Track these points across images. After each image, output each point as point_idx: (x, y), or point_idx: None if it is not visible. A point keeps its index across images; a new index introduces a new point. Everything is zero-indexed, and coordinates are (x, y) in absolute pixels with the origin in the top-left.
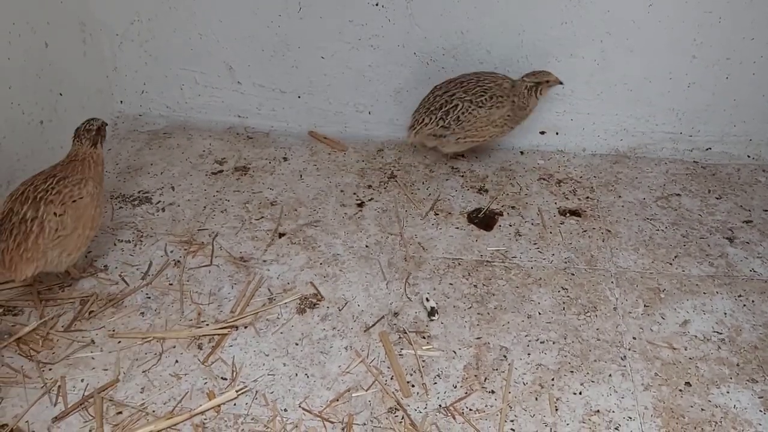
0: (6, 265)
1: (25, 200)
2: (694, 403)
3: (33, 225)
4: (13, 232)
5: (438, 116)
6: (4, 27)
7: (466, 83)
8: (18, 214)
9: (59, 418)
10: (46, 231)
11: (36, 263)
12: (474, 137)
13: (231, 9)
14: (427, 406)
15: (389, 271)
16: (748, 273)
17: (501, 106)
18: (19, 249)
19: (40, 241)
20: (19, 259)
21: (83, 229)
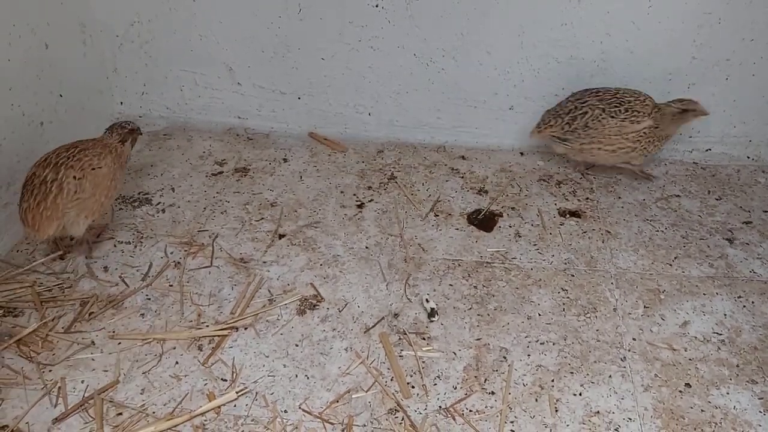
0: (29, 223)
1: (47, 165)
2: (694, 404)
3: (53, 186)
4: (34, 192)
5: (564, 120)
6: (4, 28)
7: (603, 93)
8: (39, 177)
9: (59, 419)
10: (65, 192)
11: (56, 222)
12: (600, 147)
13: (231, 10)
14: (427, 407)
15: (389, 273)
16: (747, 274)
17: (637, 121)
18: (39, 207)
19: (59, 200)
20: (40, 217)
21: (100, 196)
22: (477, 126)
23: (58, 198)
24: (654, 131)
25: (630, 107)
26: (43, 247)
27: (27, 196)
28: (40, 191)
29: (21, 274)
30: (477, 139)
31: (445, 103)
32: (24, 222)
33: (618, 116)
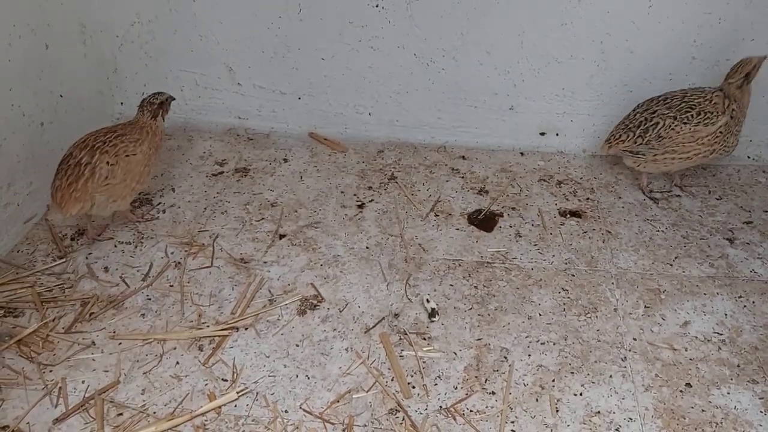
0: (57, 200)
1: (84, 147)
2: (695, 404)
3: (86, 169)
4: (68, 172)
5: (636, 134)
6: (4, 29)
7: (671, 99)
8: (75, 158)
9: (60, 419)
10: (96, 176)
11: (82, 204)
12: (674, 155)
13: (231, 11)
14: (428, 407)
15: (390, 273)
16: (748, 274)
17: (711, 123)
18: (70, 188)
19: (89, 184)
20: (69, 197)
21: (131, 182)
22: (477, 126)
23: (89, 182)
24: (729, 126)
25: (701, 110)
26: (44, 247)
27: (60, 175)
28: (73, 172)
29: (26, 276)
30: (477, 139)
31: (445, 103)
32: (53, 199)
33: (691, 122)
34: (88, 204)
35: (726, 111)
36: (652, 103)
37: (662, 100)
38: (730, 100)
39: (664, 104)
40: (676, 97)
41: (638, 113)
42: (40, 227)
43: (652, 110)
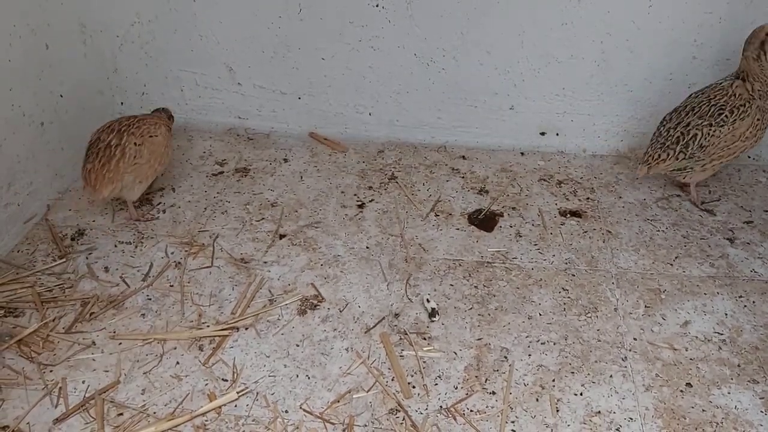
0: (91, 183)
1: (111, 131)
2: (695, 403)
3: (116, 150)
4: (99, 155)
5: (677, 150)
6: (4, 29)
7: (698, 108)
8: (104, 141)
9: (60, 419)
10: (127, 156)
11: (114, 184)
12: (721, 159)
13: (231, 10)
14: (428, 407)
15: (390, 273)
16: (748, 273)
17: (747, 114)
18: (103, 169)
19: (120, 164)
20: (102, 178)
21: (154, 162)
22: (477, 126)
23: (120, 162)
24: (762, 111)
25: (732, 107)
26: (44, 247)
27: (92, 158)
28: (104, 154)
29: (26, 276)
30: (477, 139)
31: (445, 103)
32: (86, 181)
33: (727, 122)
34: (119, 185)
35: (753, 95)
36: (682, 116)
37: (690, 111)
38: (752, 81)
39: (694, 114)
40: (703, 104)
41: (670, 128)
42: (40, 227)
43: (685, 123)
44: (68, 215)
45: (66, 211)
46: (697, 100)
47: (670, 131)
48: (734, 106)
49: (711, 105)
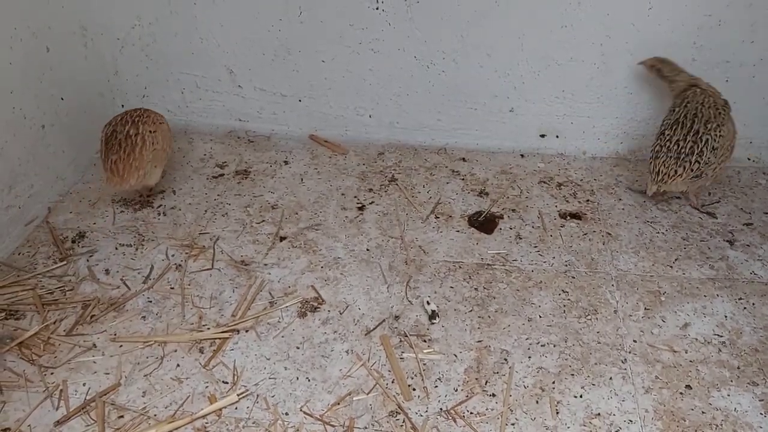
0: (119, 172)
1: (125, 123)
2: (695, 406)
3: (137, 139)
4: (122, 145)
5: (693, 160)
6: (5, 32)
7: (700, 115)
8: (122, 132)
9: (61, 422)
10: (147, 143)
11: (140, 171)
12: (726, 156)
13: (232, 13)
14: (428, 409)
15: (390, 275)
16: (748, 276)
17: (728, 106)
18: (129, 158)
19: (144, 152)
20: (129, 167)
21: (166, 146)
22: (477, 128)
23: (143, 150)
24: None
25: (722, 102)
26: (45, 250)
27: (115, 149)
28: (127, 144)
29: (27, 278)
30: (477, 141)
31: (445, 105)
32: (113, 172)
33: (727, 115)
34: (143, 172)
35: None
36: (686, 130)
37: (693, 119)
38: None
39: (700, 121)
40: (699, 110)
41: (679, 140)
42: (41, 230)
43: (694, 131)
44: (69, 218)
45: (67, 213)
46: (691, 107)
47: (679, 143)
48: (720, 105)
49: (707, 107)
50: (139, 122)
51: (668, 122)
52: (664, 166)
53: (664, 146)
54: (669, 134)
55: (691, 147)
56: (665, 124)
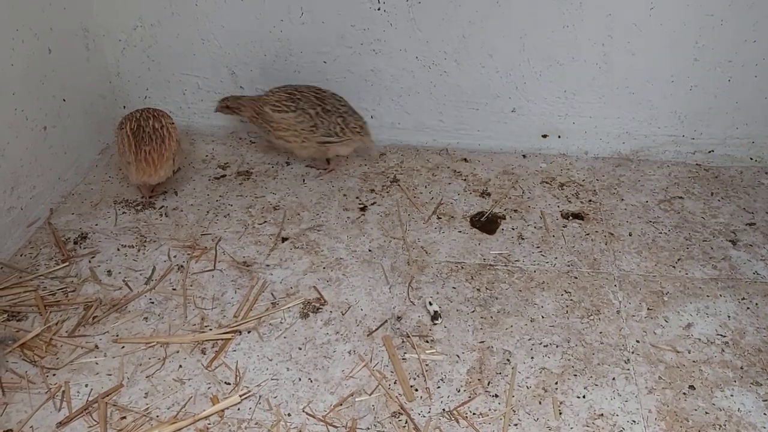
0: (153, 162)
1: (146, 118)
2: (698, 406)
3: (164, 131)
4: (152, 137)
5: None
6: (7, 33)
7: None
8: (147, 127)
9: (63, 423)
10: (173, 135)
11: (169, 162)
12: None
13: (233, 14)
14: (431, 410)
15: (392, 275)
16: (751, 276)
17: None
18: (161, 149)
19: (171, 144)
20: (162, 157)
21: (179, 140)
22: (479, 128)
23: (171, 141)
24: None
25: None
26: (47, 251)
27: (147, 141)
28: (156, 137)
29: (29, 280)
30: (479, 142)
31: (447, 106)
32: (147, 163)
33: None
34: (170, 164)
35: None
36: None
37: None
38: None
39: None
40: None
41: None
42: (43, 231)
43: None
44: (71, 219)
45: (69, 214)
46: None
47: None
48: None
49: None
50: (160, 116)
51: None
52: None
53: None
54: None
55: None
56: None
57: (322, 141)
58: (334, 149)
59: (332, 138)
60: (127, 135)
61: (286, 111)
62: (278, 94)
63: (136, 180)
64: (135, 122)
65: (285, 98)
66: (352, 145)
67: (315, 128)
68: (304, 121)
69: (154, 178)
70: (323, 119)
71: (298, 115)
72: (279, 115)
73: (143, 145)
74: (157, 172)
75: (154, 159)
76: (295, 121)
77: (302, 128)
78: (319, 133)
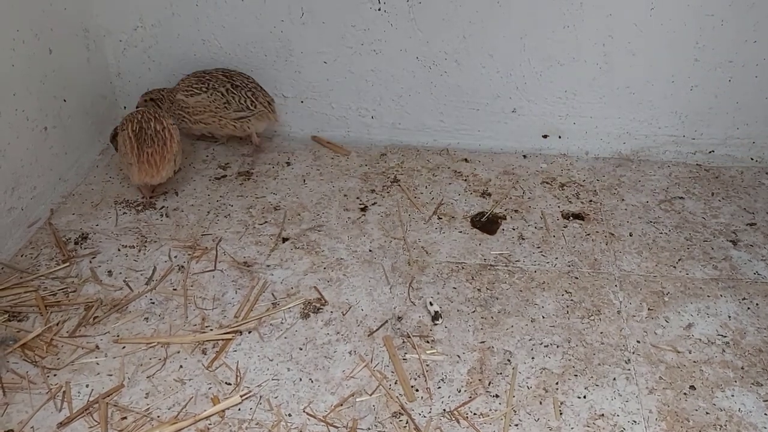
0: (156, 164)
1: (147, 120)
2: (699, 406)
3: (165, 133)
4: (154, 139)
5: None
6: (8, 34)
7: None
8: (150, 129)
9: (64, 423)
10: (174, 137)
11: (170, 164)
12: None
13: (234, 15)
14: (432, 410)
15: (393, 276)
16: (752, 276)
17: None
18: (163, 151)
19: (173, 145)
20: (163, 159)
21: (179, 140)
22: (479, 129)
23: (173, 143)
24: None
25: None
26: (48, 251)
27: (150, 142)
28: (159, 138)
29: (30, 280)
30: (480, 142)
31: (447, 106)
32: (150, 164)
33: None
34: (173, 164)
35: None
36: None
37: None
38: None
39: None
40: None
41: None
42: (43, 231)
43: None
44: (72, 219)
45: (69, 215)
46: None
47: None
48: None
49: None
50: (161, 118)
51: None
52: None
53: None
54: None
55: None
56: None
57: (237, 117)
58: (250, 125)
59: (245, 112)
60: (129, 137)
61: (198, 93)
62: (188, 80)
63: (138, 181)
64: (137, 124)
65: (194, 82)
66: (265, 118)
67: (228, 104)
68: (216, 99)
69: (155, 179)
70: (234, 95)
71: (210, 95)
72: (193, 99)
73: (146, 147)
74: (159, 173)
75: (156, 161)
76: (209, 101)
77: (216, 107)
78: (232, 109)
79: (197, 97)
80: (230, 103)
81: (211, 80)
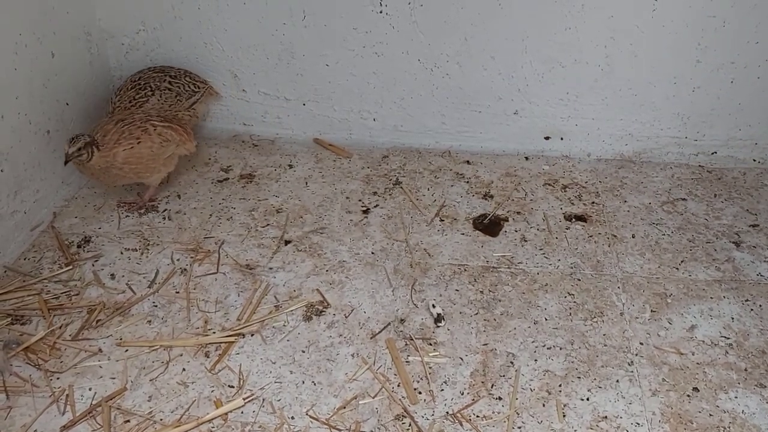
0: (189, 132)
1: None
2: (702, 408)
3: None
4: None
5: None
6: (11, 38)
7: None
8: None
9: (67, 427)
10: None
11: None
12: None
13: (236, 18)
14: (435, 412)
15: (395, 278)
16: (755, 277)
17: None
18: (188, 126)
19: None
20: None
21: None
22: (482, 131)
23: (188, 126)
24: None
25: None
26: (51, 255)
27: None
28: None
29: (33, 283)
30: (482, 144)
31: (449, 108)
32: (187, 133)
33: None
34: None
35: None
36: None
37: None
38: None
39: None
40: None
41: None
42: (46, 235)
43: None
44: (74, 222)
45: (72, 218)
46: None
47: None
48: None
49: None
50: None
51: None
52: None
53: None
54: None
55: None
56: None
57: (190, 105)
58: (201, 108)
59: (196, 96)
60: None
61: (145, 99)
62: (127, 95)
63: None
64: (151, 116)
65: (134, 94)
66: (212, 94)
67: (179, 96)
68: (168, 97)
69: (193, 144)
70: (178, 84)
71: (159, 96)
72: (146, 107)
73: (173, 123)
74: (192, 142)
75: (189, 129)
76: (161, 101)
77: (170, 104)
78: (184, 98)
79: (147, 105)
80: (180, 94)
81: (148, 82)
